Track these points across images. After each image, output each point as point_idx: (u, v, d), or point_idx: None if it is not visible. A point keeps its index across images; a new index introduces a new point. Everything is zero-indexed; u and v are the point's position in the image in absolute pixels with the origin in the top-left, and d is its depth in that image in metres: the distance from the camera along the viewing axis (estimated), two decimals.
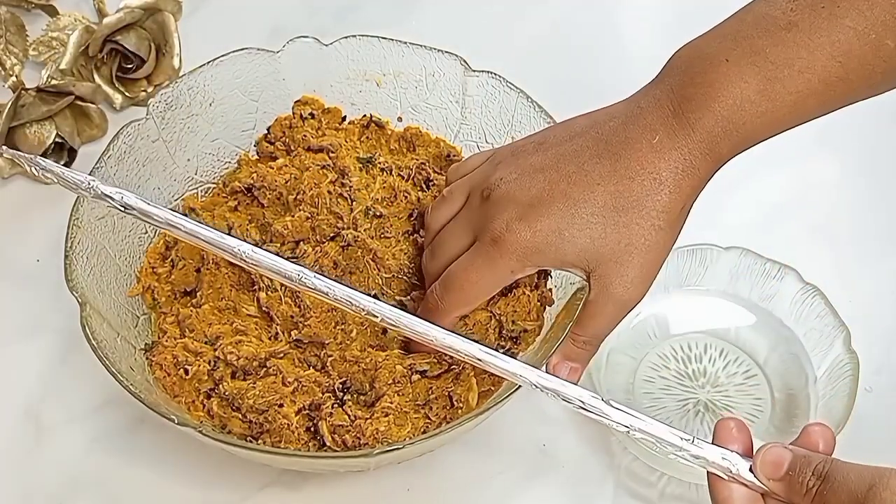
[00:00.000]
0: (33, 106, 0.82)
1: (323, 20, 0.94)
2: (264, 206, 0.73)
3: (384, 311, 0.56)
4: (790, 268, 0.73)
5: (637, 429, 0.53)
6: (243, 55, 0.74)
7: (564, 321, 0.63)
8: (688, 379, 0.73)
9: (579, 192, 0.59)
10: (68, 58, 0.86)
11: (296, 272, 0.55)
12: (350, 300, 0.55)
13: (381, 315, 0.56)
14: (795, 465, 0.49)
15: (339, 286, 0.55)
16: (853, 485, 0.47)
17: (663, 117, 0.57)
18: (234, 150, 0.76)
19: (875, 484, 0.46)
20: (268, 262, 0.55)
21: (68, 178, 0.55)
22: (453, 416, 0.64)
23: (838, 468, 0.48)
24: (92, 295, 0.65)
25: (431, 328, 0.57)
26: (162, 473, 0.69)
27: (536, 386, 0.55)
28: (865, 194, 0.84)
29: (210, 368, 0.66)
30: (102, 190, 0.55)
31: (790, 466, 0.49)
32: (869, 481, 0.46)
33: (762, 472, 0.50)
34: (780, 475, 0.49)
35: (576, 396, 0.54)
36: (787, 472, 0.49)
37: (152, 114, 0.72)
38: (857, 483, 0.46)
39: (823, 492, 0.48)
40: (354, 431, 0.64)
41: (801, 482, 0.48)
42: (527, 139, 0.64)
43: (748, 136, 0.58)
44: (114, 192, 0.55)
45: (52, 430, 0.72)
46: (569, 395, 0.54)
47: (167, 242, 0.72)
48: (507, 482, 0.70)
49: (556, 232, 0.59)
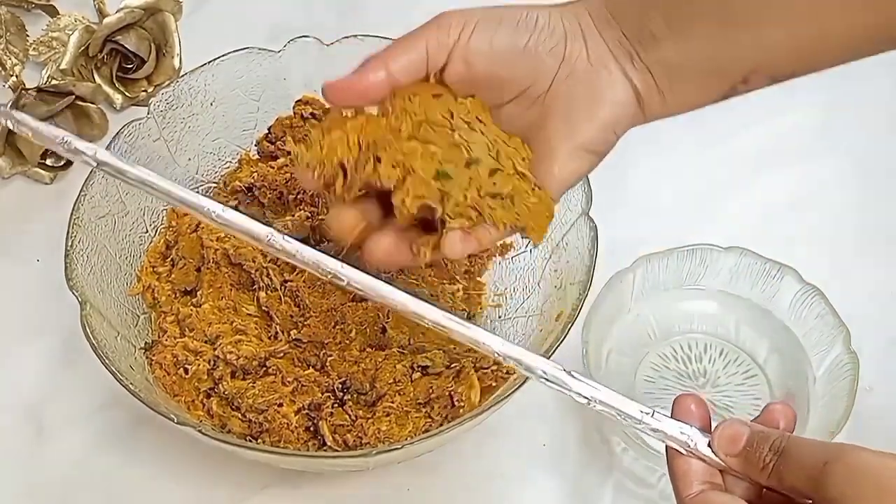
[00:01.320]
0: (33, 106, 0.82)
1: (324, 20, 0.94)
2: (264, 205, 0.73)
3: (350, 274, 0.54)
4: (790, 268, 0.73)
5: (598, 400, 0.52)
6: (244, 55, 0.74)
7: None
8: (688, 379, 0.73)
9: None
10: (68, 58, 0.86)
11: (265, 234, 0.54)
12: (318, 263, 0.54)
13: (347, 278, 0.54)
14: (752, 440, 0.49)
15: (307, 249, 0.54)
16: (808, 460, 0.46)
17: None
18: (235, 149, 0.76)
19: (830, 460, 0.45)
20: (238, 222, 0.54)
21: (43, 132, 0.55)
22: (455, 415, 0.64)
23: (795, 443, 0.48)
24: (92, 294, 0.65)
25: (395, 292, 0.54)
26: (162, 473, 0.69)
27: (499, 354, 0.53)
28: (865, 194, 0.84)
29: (210, 368, 0.66)
30: (76, 145, 0.54)
31: (747, 442, 0.49)
32: (823, 456, 0.46)
33: (720, 448, 0.50)
34: (737, 451, 0.49)
35: (538, 367, 0.53)
36: (745, 448, 0.49)
37: (153, 113, 0.72)
38: (812, 458, 0.46)
39: (780, 467, 0.48)
40: (356, 431, 0.64)
41: (758, 457, 0.48)
42: None
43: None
44: (87, 148, 0.54)
45: (53, 430, 0.72)
46: (531, 366, 0.53)
47: (168, 242, 0.72)
48: (507, 482, 0.70)
49: None
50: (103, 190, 0.69)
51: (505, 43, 0.55)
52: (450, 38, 0.55)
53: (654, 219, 0.82)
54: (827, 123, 0.87)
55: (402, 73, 0.55)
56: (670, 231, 0.79)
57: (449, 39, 0.55)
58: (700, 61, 0.55)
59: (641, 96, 0.56)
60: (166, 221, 0.73)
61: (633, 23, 0.55)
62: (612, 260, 0.71)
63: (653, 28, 0.54)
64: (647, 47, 0.55)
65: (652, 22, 0.54)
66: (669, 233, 0.78)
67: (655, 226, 0.81)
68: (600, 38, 0.55)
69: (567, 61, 0.55)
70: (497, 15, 0.55)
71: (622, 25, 0.55)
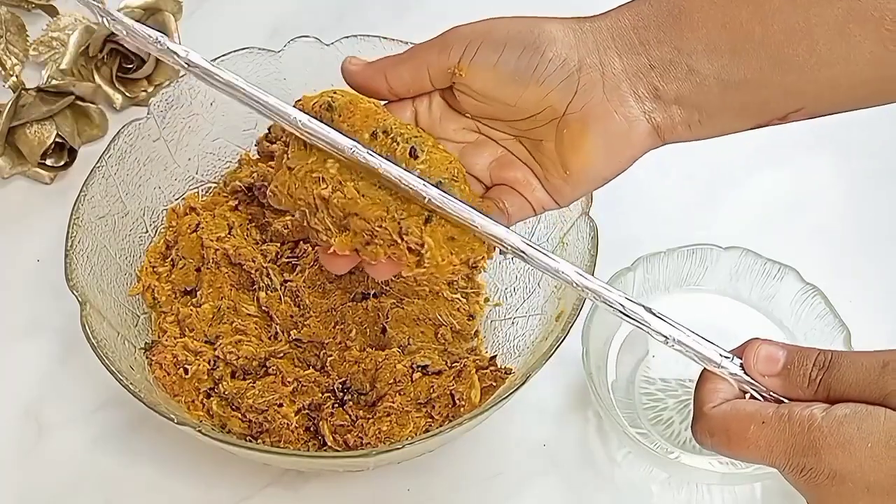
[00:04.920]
0: (33, 106, 0.82)
1: (324, 20, 0.94)
2: (264, 205, 0.73)
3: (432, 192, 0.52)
4: (790, 268, 0.73)
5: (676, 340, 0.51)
6: (244, 55, 0.74)
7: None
8: (688, 379, 0.73)
9: None
10: (68, 58, 0.86)
11: (349, 146, 0.52)
12: (400, 178, 0.52)
13: (429, 196, 0.52)
14: (792, 359, 0.49)
15: (390, 164, 0.52)
16: (864, 366, 0.47)
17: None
18: (235, 149, 0.76)
19: (889, 361, 0.46)
20: (322, 133, 0.52)
21: (137, 30, 0.54)
22: (456, 414, 0.64)
23: (842, 356, 0.48)
24: (92, 294, 0.65)
25: (475, 214, 0.52)
26: (162, 473, 0.69)
27: (577, 285, 0.52)
28: (865, 194, 0.84)
29: (210, 368, 0.66)
30: (168, 45, 0.54)
31: (787, 361, 0.49)
32: (882, 359, 0.46)
33: (757, 369, 0.49)
34: (776, 371, 0.49)
35: (616, 300, 0.51)
36: (785, 367, 0.49)
37: (153, 113, 0.72)
38: (869, 363, 0.47)
39: (828, 380, 0.48)
40: (356, 431, 0.64)
41: (803, 374, 0.48)
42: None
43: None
44: (179, 49, 0.54)
45: (52, 430, 0.72)
46: (609, 299, 0.51)
47: (168, 242, 0.72)
48: (507, 482, 0.70)
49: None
50: (103, 190, 0.69)
51: (509, 70, 0.52)
52: (450, 60, 0.53)
53: (654, 219, 0.82)
54: (827, 123, 0.87)
55: (402, 92, 0.55)
56: (670, 231, 0.79)
57: (449, 62, 0.53)
58: (743, 99, 0.52)
59: (661, 130, 0.54)
60: (166, 221, 0.73)
61: (666, 53, 0.52)
62: (612, 260, 0.71)
63: (692, 63, 0.52)
64: (681, 82, 0.52)
65: (693, 56, 0.52)
66: (669, 233, 0.78)
67: (655, 226, 0.81)
68: (621, 68, 0.53)
69: (581, 94, 0.52)
70: (503, 35, 0.53)
71: (650, 53, 0.52)
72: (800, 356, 0.49)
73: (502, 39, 0.52)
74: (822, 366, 0.48)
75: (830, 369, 0.48)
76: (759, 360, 0.50)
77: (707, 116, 0.53)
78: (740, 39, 0.52)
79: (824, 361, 0.48)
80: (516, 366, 0.67)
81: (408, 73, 0.54)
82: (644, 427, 0.70)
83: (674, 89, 0.52)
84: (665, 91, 0.53)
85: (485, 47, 0.52)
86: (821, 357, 0.48)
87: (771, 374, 0.49)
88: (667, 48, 0.52)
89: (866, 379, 0.47)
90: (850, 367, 0.47)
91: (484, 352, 0.71)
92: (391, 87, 0.54)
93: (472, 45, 0.52)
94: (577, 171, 0.54)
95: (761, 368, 0.50)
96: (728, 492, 0.69)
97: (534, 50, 0.52)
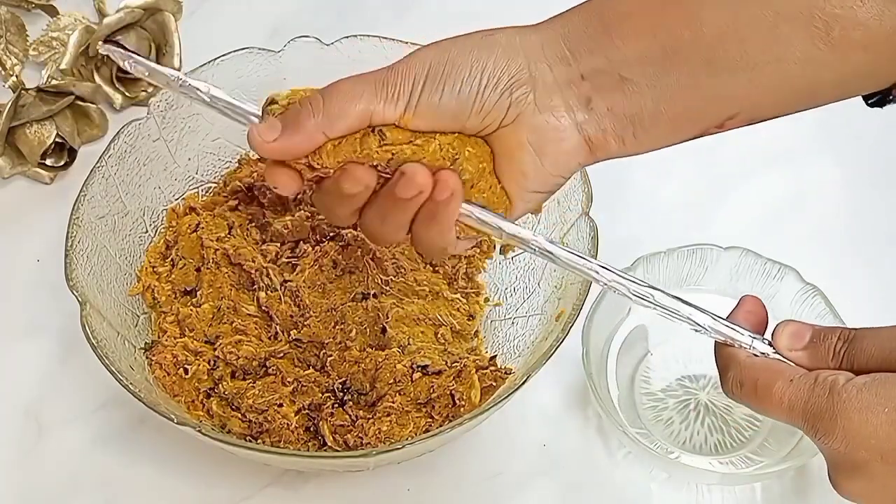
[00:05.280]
0: (33, 106, 0.82)
1: (324, 20, 0.94)
2: (264, 205, 0.73)
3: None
4: (790, 268, 0.73)
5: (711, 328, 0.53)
6: (244, 55, 0.74)
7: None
8: (688, 379, 0.73)
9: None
10: (68, 58, 0.86)
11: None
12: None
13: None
14: (818, 334, 0.51)
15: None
16: (886, 338, 0.48)
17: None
18: (235, 149, 0.76)
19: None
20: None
21: (159, 70, 0.55)
22: (456, 414, 0.64)
23: (864, 331, 0.50)
24: (92, 294, 0.65)
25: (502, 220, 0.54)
26: (162, 473, 0.69)
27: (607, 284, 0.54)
28: (865, 194, 0.84)
29: (210, 368, 0.66)
30: (190, 83, 0.54)
31: (813, 336, 0.51)
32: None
33: (784, 344, 0.51)
34: (802, 345, 0.51)
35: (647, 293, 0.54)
36: (811, 341, 0.51)
37: (153, 113, 0.72)
38: (890, 335, 0.48)
39: (851, 352, 0.49)
40: (356, 432, 0.64)
41: (827, 346, 0.50)
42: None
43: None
44: (201, 85, 0.55)
45: (52, 430, 0.72)
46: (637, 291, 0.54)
47: (168, 242, 0.72)
48: (507, 482, 0.70)
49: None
50: (103, 190, 0.69)
51: (451, 108, 0.52)
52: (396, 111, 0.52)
53: (654, 219, 0.82)
54: (827, 123, 0.87)
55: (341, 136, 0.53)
56: (670, 231, 0.79)
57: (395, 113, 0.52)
58: (677, 108, 0.52)
59: (593, 143, 0.53)
60: (166, 221, 0.73)
61: (596, 63, 0.52)
62: (612, 260, 0.70)
63: (624, 72, 0.52)
64: (613, 91, 0.52)
65: (624, 65, 0.52)
66: (669, 233, 0.78)
67: (655, 226, 0.81)
68: (552, 80, 0.52)
69: (513, 107, 0.52)
70: (442, 71, 0.52)
71: (582, 64, 0.52)
72: (826, 332, 0.51)
73: (442, 76, 0.52)
74: (846, 339, 0.50)
75: (854, 342, 0.49)
76: (786, 336, 0.51)
77: (641, 129, 0.53)
78: (670, 46, 0.51)
79: (848, 335, 0.50)
80: (516, 366, 0.67)
81: (349, 126, 0.52)
82: (644, 427, 0.71)
83: (606, 99, 0.52)
84: (597, 101, 0.52)
85: (427, 89, 0.52)
86: (844, 332, 0.50)
87: (797, 348, 0.51)
88: (598, 58, 0.52)
89: (887, 349, 0.48)
90: (873, 341, 0.49)
91: (484, 352, 0.71)
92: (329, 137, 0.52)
93: (416, 89, 0.52)
94: (509, 182, 0.54)
95: (787, 343, 0.51)
96: (728, 492, 0.69)
97: (470, 81, 0.52)
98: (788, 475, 0.69)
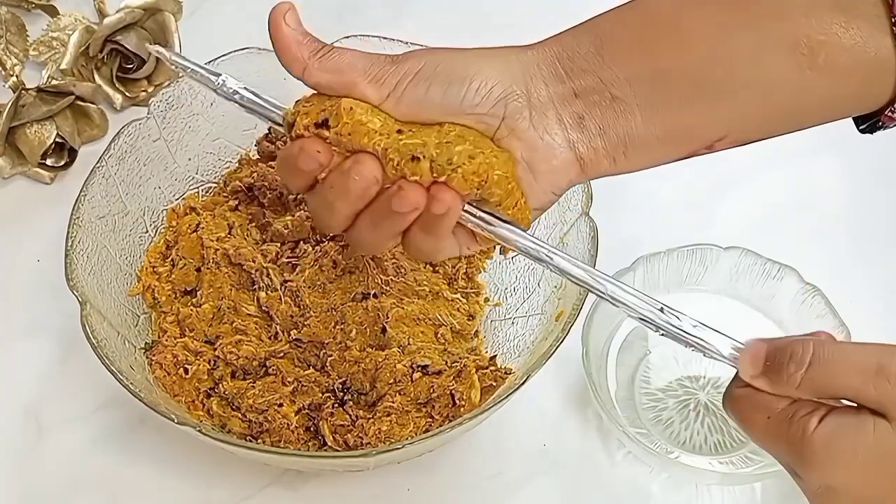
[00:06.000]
0: (34, 106, 0.82)
1: (323, 20, 0.93)
2: (264, 205, 0.73)
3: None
4: (790, 268, 0.73)
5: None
6: (244, 55, 0.74)
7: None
8: (688, 379, 0.73)
9: None
10: (69, 58, 0.86)
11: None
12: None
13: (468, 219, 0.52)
14: (773, 355, 0.47)
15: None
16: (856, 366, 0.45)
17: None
18: (235, 149, 0.76)
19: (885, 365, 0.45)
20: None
21: (201, 72, 0.56)
22: (456, 414, 0.64)
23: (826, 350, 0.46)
24: (92, 294, 0.65)
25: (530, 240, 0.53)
26: (162, 473, 0.69)
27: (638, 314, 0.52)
28: (865, 194, 0.84)
29: (210, 368, 0.66)
30: (231, 86, 0.55)
31: (768, 358, 0.47)
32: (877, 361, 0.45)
33: (747, 372, 0.48)
34: (759, 370, 0.48)
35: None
36: (765, 365, 0.47)
37: (153, 113, 0.72)
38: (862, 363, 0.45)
39: (812, 377, 0.46)
40: (356, 431, 0.64)
41: (788, 376, 0.47)
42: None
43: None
44: (240, 87, 0.55)
45: (52, 430, 0.72)
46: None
47: (168, 242, 0.72)
48: (507, 482, 0.70)
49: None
50: (103, 190, 0.69)
51: (436, 104, 0.52)
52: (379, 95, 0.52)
53: (654, 219, 0.82)
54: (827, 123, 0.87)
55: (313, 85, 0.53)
56: (670, 231, 0.79)
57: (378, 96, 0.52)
58: (666, 128, 0.53)
59: (585, 162, 0.53)
60: (166, 221, 0.73)
61: (589, 82, 0.52)
62: (612, 260, 0.71)
63: (615, 92, 0.52)
64: (605, 110, 0.52)
65: (615, 85, 0.52)
66: (669, 233, 0.78)
67: (655, 226, 0.81)
68: (547, 95, 0.52)
69: (507, 120, 0.52)
70: (431, 71, 0.52)
71: (575, 82, 0.52)
72: (779, 352, 0.47)
73: (430, 75, 0.52)
74: (801, 363, 0.47)
75: (812, 366, 0.46)
76: (747, 362, 0.49)
77: (632, 148, 0.53)
78: (660, 68, 0.52)
79: (802, 359, 0.47)
80: (516, 366, 0.67)
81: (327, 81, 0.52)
82: (644, 427, 0.71)
83: (598, 117, 0.53)
84: (589, 119, 0.53)
85: (414, 82, 0.52)
86: (797, 354, 0.47)
87: (756, 374, 0.48)
88: (590, 78, 0.52)
89: (860, 381, 0.46)
90: (840, 366, 0.46)
91: (484, 352, 0.71)
92: (305, 76, 0.53)
93: (404, 79, 0.52)
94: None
95: (749, 370, 0.49)
96: (728, 492, 0.69)
97: (460, 82, 0.52)
98: (788, 475, 0.69)
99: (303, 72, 0.53)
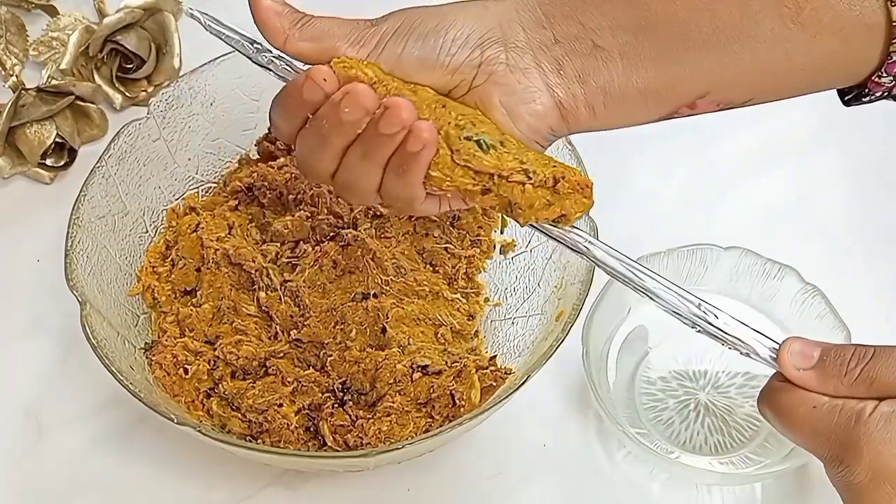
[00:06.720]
0: (33, 106, 0.82)
1: None
2: (264, 205, 0.73)
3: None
4: (790, 268, 0.73)
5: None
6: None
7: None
8: (688, 380, 0.73)
9: None
10: (68, 58, 0.86)
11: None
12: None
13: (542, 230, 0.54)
14: (829, 351, 0.49)
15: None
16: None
17: None
18: (235, 149, 0.76)
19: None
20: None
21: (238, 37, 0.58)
22: (456, 414, 0.64)
23: (885, 349, 0.47)
24: (92, 294, 0.65)
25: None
26: (162, 473, 0.69)
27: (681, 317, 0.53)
28: (865, 194, 0.84)
29: (210, 368, 0.66)
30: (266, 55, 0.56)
31: (823, 354, 0.49)
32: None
33: (791, 363, 0.49)
34: (811, 364, 0.49)
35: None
36: (821, 360, 0.49)
37: (153, 113, 0.72)
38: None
39: (870, 371, 0.47)
40: (356, 432, 0.64)
41: (840, 364, 0.48)
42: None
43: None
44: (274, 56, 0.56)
45: (52, 430, 0.72)
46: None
47: (168, 242, 0.72)
48: (507, 482, 0.70)
49: None
50: (103, 190, 0.69)
51: (414, 58, 0.52)
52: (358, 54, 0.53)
53: (654, 219, 0.82)
54: (827, 122, 0.87)
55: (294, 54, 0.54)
56: (670, 231, 0.79)
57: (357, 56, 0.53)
58: (648, 80, 0.52)
59: (564, 108, 0.53)
60: (166, 221, 0.73)
61: (571, 28, 0.52)
62: None
63: (598, 40, 0.52)
64: (585, 58, 0.52)
65: (598, 33, 0.52)
66: (669, 233, 0.78)
67: (655, 226, 0.81)
68: (525, 41, 0.53)
69: (484, 67, 0.52)
70: (408, 27, 0.53)
71: (555, 28, 0.53)
72: (836, 349, 0.49)
73: (407, 31, 0.52)
74: (862, 357, 0.48)
75: (874, 360, 0.47)
76: (793, 355, 0.49)
77: (612, 99, 0.53)
78: (645, 17, 0.52)
79: (864, 353, 0.48)
80: (516, 366, 0.67)
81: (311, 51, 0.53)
82: (644, 427, 0.71)
83: (577, 65, 0.53)
84: (568, 66, 0.53)
85: (392, 41, 0.52)
86: (860, 349, 0.48)
87: (806, 367, 0.49)
88: (572, 24, 0.52)
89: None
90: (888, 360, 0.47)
91: (484, 352, 0.71)
92: (287, 46, 0.54)
93: (383, 39, 0.52)
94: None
95: (795, 362, 0.49)
96: (728, 492, 0.69)
97: (436, 34, 0.52)
98: (788, 475, 0.69)
99: (284, 42, 0.53)
